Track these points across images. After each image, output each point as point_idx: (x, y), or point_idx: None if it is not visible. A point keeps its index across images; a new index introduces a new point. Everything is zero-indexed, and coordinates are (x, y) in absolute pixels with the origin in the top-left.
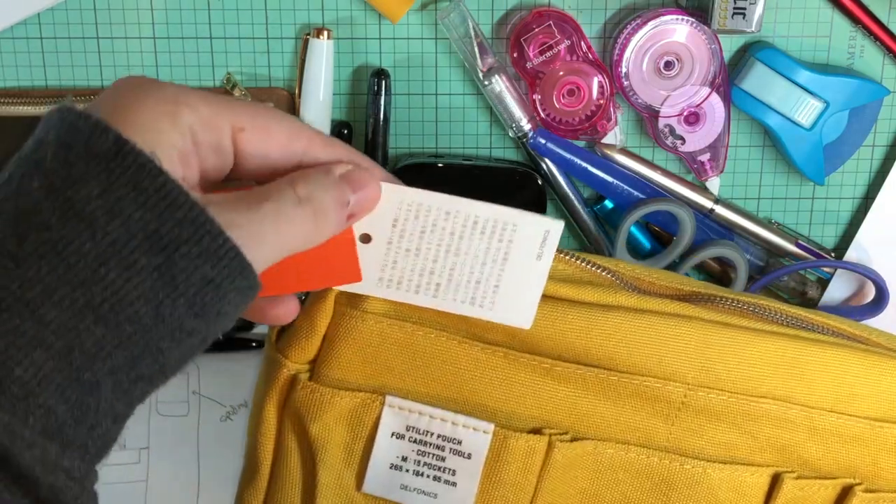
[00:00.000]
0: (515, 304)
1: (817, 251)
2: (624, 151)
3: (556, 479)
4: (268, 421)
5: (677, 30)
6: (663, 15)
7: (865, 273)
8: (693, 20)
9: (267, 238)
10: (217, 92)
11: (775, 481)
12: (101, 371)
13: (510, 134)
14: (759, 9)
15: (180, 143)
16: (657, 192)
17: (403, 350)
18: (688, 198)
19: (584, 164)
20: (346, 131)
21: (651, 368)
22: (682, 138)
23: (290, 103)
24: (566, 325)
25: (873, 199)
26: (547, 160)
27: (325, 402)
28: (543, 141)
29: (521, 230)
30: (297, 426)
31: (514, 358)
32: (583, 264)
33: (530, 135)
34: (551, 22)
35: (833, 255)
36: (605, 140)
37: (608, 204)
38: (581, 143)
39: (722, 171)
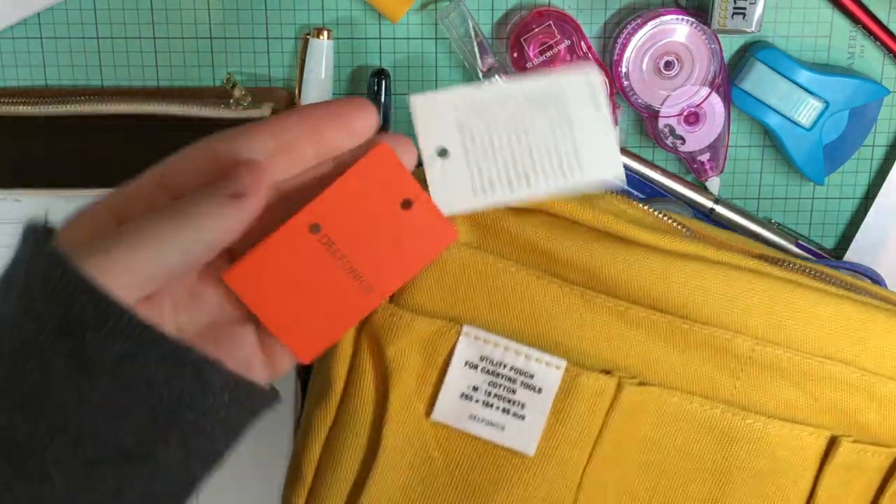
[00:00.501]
0: (600, 158)
1: (817, 251)
2: (624, 151)
3: (621, 422)
4: (344, 341)
5: (677, 30)
6: (663, 15)
7: (865, 273)
8: (693, 20)
9: (119, 263)
10: (217, 92)
11: (832, 444)
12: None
13: None
14: (759, 9)
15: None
16: (657, 192)
17: (483, 281)
18: (688, 198)
19: None
20: None
21: (722, 319)
22: (682, 138)
23: (290, 103)
24: (644, 268)
25: (873, 199)
26: None
27: (404, 325)
28: None
29: (569, 92)
30: (373, 347)
31: (591, 297)
32: (659, 215)
33: None
34: (551, 22)
35: (833, 255)
36: None
37: None
38: None
39: (722, 171)
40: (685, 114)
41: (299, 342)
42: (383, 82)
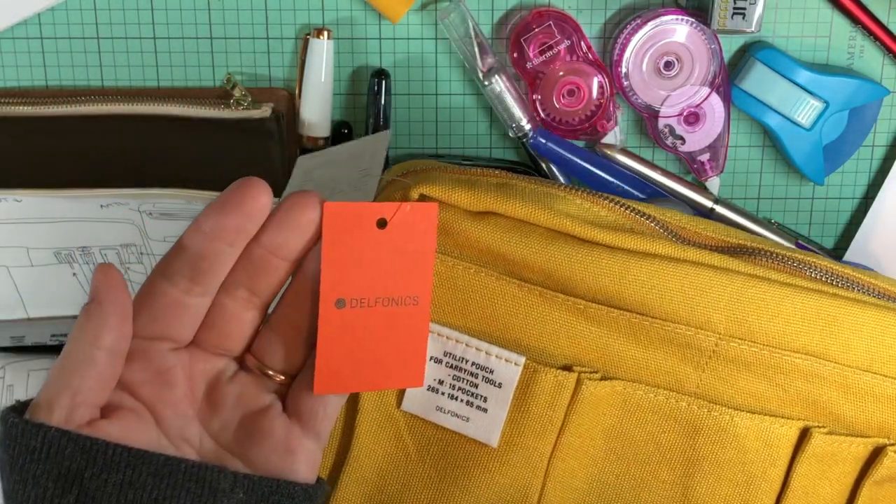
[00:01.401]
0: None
1: (817, 251)
2: (624, 151)
3: (584, 415)
4: None
5: (677, 30)
6: (663, 15)
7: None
8: (693, 20)
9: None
10: (217, 92)
11: (804, 435)
12: None
13: (510, 134)
14: (758, 9)
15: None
16: (657, 192)
17: (445, 282)
18: (688, 198)
19: (584, 164)
20: (346, 131)
21: (683, 316)
22: (681, 138)
23: (290, 103)
24: (601, 269)
25: (873, 199)
26: (547, 160)
27: None
28: (543, 141)
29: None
30: None
31: (550, 297)
32: (626, 211)
33: (530, 135)
34: (551, 22)
35: (833, 255)
36: (605, 140)
37: None
38: (581, 143)
39: (722, 171)
40: (685, 114)
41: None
42: (383, 82)
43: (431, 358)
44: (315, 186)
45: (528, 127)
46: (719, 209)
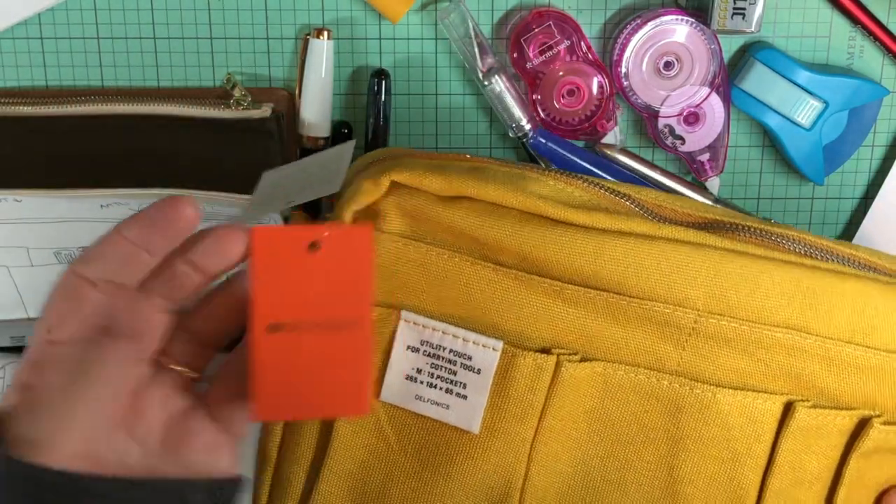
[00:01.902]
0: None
1: None
2: (624, 151)
3: (565, 397)
4: None
5: (677, 30)
6: (663, 15)
7: None
8: (693, 20)
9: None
10: (217, 92)
11: (788, 409)
12: None
13: (510, 134)
14: (758, 9)
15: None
16: None
17: (419, 269)
18: (688, 197)
19: (584, 164)
20: (346, 131)
21: (661, 294)
22: (681, 138)
23: (290, 103)
24: (576, 249)
25: (873, 199)
26: (547, 160)
27: None
28: (543, 141)
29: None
30: None
31: (526, 279)
32: (602, 191)
33: (530, 135)
34: (551, 22)
35: None
36: (605, 140)
37: None
38: (581, 143)
39: (722, 171)
40: (685, 114)
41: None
42: (383, 82)
43: (408, 347)
44: (279, 201)
45: (528, 127)
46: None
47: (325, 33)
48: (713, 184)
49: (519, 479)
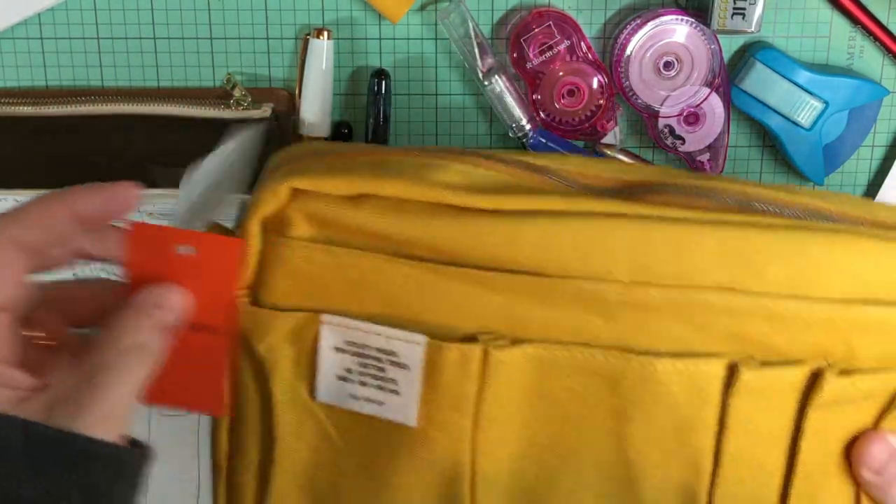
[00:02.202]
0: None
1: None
2: (624, 151)
3: (500, 384)
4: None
5: (677, 30)
6: (663, 15)
7: None
8: (693, 20)
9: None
10: (217, 92)
11: (733, 371)
12: None
13: (510, 134)
14: (758, 9)
15: None
16: None
17: (335, 272)
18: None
19: None
20: (346, 131)
21: (581, 270)
22: (681, 138)
23: (290, 103)
24: (487, 236)
25: (873, 198)
26: None
27: (267, 323)
28: (543, 141)
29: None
30: (246, 348)
31: (443, 271)
32: (516, 169)
33: (530, 135)
34: (551, 22)
35: None
36: (605, 140)
37: None
38: (581, 143)
39: (722, 171)
40: (685, 114)
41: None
42: (383, 82)
43: (335, 348)
44: (199, 201)
45: (528, 127)
46: None
47: (325, 33)
48: None
49: (466, 468)
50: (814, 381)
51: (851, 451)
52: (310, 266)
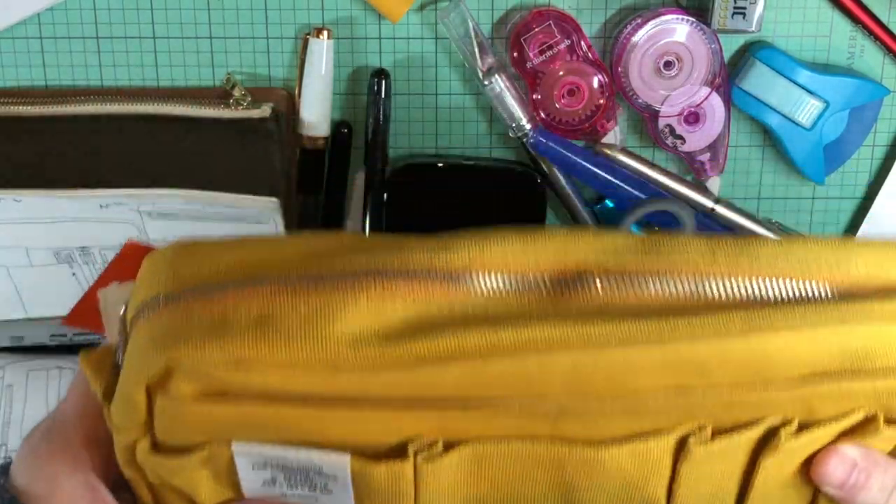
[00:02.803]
0: None
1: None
2: (624, 151)
3: (438, 490)
4: (135, 480)
5: (677, 30)
6: (663, 15)
7: None
8: (693, 20)
9: None
10: (217, 92)
11: (682, 444)
12: None
13: (510, 134)
14: (759, 8)
15: None
16: (657, 192)
17: (234, 418)
18: (688, 197)
19: (585, 164)
20: (346, 131)
21: (514, 397)
22: (682, 138)
23: (290, 103)
24: (405, 385)
25: (873, 199)
26: (547, 160)
27: (175, 465)
28: (543, 140)
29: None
30: (158, 481)
31: (361, 405)
32: (432, 286)
33: (530, 135)
34: (551, 22)
35: None
36: (605, 140)
37: (608, 204)
38: (581, 143)
39: (722, 171)
40: (685, 114)
41: None
42: (383, 82)
43: (254, 466)
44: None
45: (528, 127)
46: (719, 209)
47: (325, 33)
48: (713, 184)
49: None
50: (768, 436)
51: (811, 471)
52: (205, 417)
